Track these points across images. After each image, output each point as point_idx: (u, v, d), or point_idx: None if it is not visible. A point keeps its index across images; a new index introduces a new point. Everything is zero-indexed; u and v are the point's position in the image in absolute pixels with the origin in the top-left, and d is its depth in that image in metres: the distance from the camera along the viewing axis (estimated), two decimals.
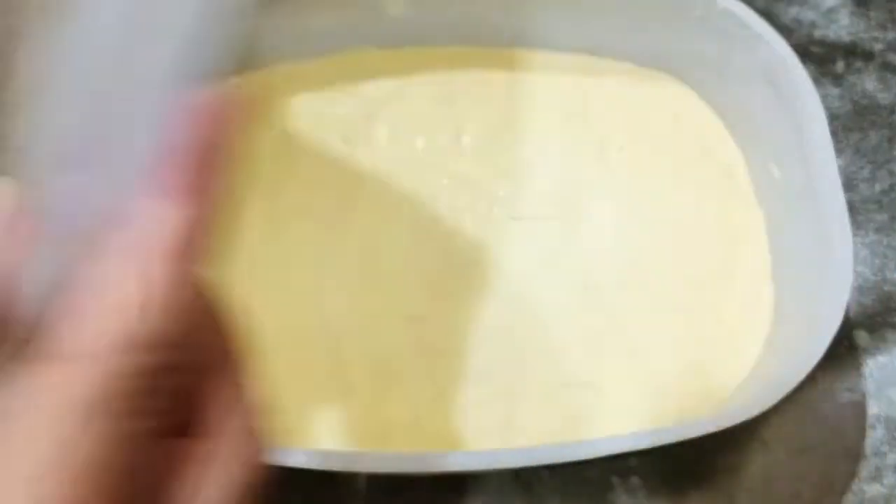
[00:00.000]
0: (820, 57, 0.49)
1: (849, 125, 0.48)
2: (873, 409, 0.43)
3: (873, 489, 0.42)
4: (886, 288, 0.45)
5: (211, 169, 0.20)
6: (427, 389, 0.40)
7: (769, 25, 0.40)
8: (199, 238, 0.20)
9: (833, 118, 0.48)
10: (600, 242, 0.43)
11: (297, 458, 0.34)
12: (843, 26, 0.50)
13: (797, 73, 0.40)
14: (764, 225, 0.43)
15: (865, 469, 0.42)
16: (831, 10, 0.51)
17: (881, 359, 0.44)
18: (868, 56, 0.50)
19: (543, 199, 0.43)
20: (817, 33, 0.50)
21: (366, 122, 0.44)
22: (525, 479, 0.41)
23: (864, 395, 0.43)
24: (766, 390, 0.35)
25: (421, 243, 0.42)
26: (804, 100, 0.39)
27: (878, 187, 0.47)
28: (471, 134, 0.44)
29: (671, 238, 0.43)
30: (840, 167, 0.47)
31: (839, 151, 0.47)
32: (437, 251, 0.42)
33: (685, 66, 0.45)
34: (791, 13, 0.50)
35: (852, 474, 0.42)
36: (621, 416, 0.40)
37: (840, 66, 0.49)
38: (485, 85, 0.45)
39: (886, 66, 0.49)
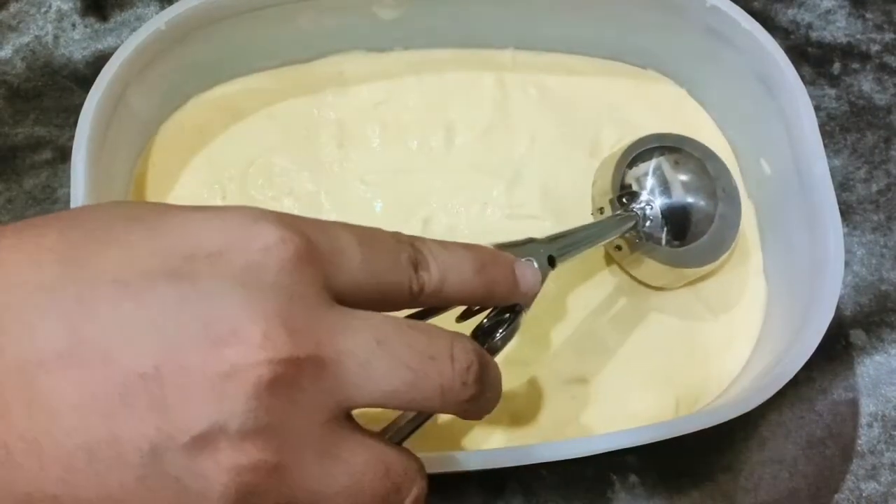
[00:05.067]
0: (817, 58, 0.50)
1: (845, 126, 0.48)
2: (870, 407, 0.43)
3: (870, 487, 0.42)
4: (883, 287, 0.45)
5: None
6: None
7: (758, 22, 0.40)
8: None
9: (830, 119, 0.48)
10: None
11: None
12: (839, 28, 0.50)
13: (786, 69, 0.40)
14: (755, 220, 0.43)
15: (862, 467, 0.42)
16: (828, 12, 0.51)
17: (878, 357, 0.44)
18: (865, 57, 0.50)
19: (537, 198, 0.43)
20: (814, 35, 0.50)
21: (358, 125, 0.44)
22: (524, 477, 0.41)
23: (860, 394, 0.43)
24: (761, 385, 0.35)
25: None
26: (793, 95, 0.39)
27: (874, 187, 0.47)
28: (463, 135, 0.44)
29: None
30: (837, 168, 0.47)
31: (836, 152, 0.47)
32: None
33: (675, 63, 0.45)
34: (788, 15, 0.50)
35: (849, 472, 0.42)
36: (618, 414, 0.40)
37: (837, 67, 0.49)
38: (475, 86, 0.45)
39: (883, 68, 0.49)
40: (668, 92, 0.46)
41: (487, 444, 0.39)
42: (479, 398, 0.25)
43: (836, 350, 0.44)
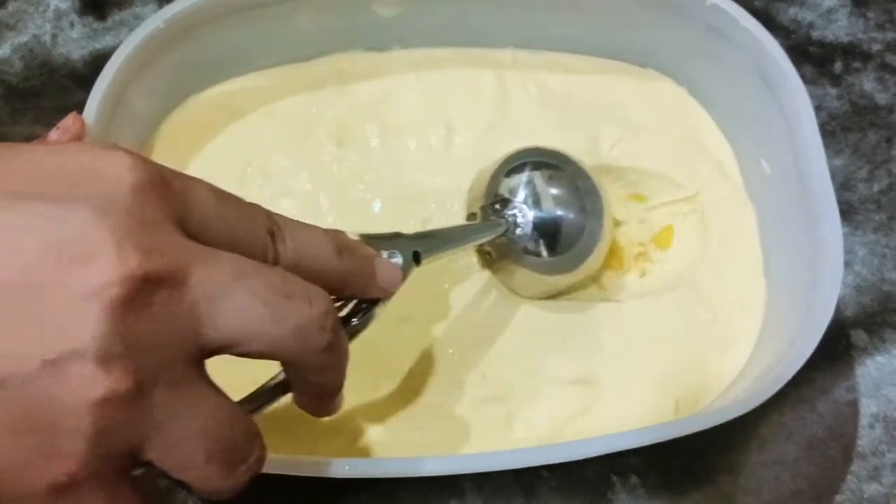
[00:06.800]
0: (818, 57, 0.49)
1: (847, 125, 0.48)
2: (872, 408, 0.43)
3: (872, 488, 0.41)
4: (885, 287, 0.45)
5: None
6: (424, 391, 0.40)
7: (758, 22, 0.40)
8: None
9: (831, 118, 0.48)
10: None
11: (297, 466, 0.34)
12: (841, 27, 0.50)
13: (786, 68, 0.40)
14: (755, 220, 0.43)
15: (864, 468, 0.42)
16: (830, 11, 0.51)
17: (879, 358, 0.44)
18: (866, 56, 0.50)
19: None
20: (816, 34, 0.50)
21: (357, 124, 0.44)
22: (525, 478, 0.41)
23: (862, 395, 0.43)
24: (761, 386, 0.35)
25: None
26: (793, 94, 0.39)
27: (876, 187, 0.47)
28: (462, 134, 0.44)
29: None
30: (838, 167, 0.47)
31: (837, 152, 0.47)
32: None
33: (675, 63, 0.45)
34: (790, 14, 0.50)
35: (851, 473, 0.42)
36: (619, 415, 0.39)
37: (838, 66, 0.49)
38: (474, 85, 0.45)
39: (884, 67, 0.49)
40: (669, 91, 0.46)
41: (489, 445, 0.38)
42: (335, 351, 0.25)
43: (837, 350, 0.43)
